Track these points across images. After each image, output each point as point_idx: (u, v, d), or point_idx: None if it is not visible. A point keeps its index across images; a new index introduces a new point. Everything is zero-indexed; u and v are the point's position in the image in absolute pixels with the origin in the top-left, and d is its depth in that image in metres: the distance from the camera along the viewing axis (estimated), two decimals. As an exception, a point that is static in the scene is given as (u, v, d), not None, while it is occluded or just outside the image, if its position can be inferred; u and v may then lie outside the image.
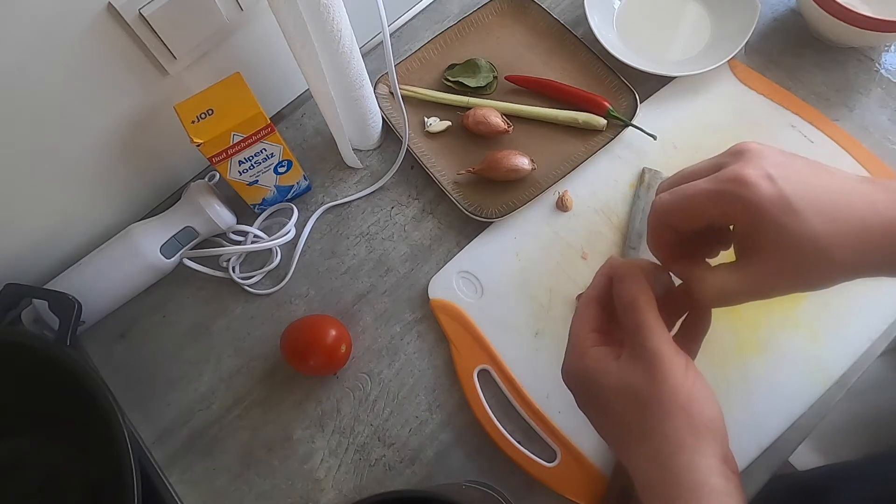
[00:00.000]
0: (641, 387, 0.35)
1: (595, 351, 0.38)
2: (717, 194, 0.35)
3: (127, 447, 0.45)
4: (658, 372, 0.35)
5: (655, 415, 0.35)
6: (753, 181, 0.34)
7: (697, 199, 0.36)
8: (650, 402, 0.35)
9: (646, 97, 0.65)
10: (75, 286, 0.57)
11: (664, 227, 0.38)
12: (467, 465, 0.54)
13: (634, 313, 0.36)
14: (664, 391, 0.34)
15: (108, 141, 0.57)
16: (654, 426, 0.35)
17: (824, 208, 0.34)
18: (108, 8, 0.48)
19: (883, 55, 0.65)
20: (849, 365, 0.53)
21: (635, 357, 0.36)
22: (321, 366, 0.56)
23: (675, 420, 0.34)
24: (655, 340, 0.35)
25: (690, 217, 0.37)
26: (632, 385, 0.35)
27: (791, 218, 0.33)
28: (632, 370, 0.36)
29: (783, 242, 0.34)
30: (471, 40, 0.70)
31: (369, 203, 0.65)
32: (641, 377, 0.35)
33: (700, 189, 0.36)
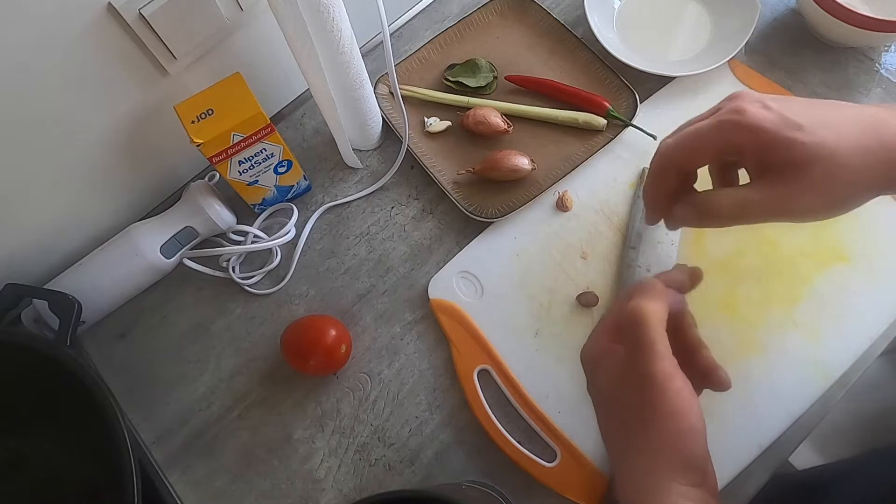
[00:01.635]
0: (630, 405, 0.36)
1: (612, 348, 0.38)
2: (718, 125, 0.36)
3: (127, 447, 0.45)
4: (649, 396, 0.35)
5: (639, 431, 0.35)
6: (750, 108, 0.35)
7: (700, 132, 0.36)
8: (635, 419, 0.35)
9: (646, 97, 0.65)
10: (75, 286, 0.57)
11: (669, 169, 0.38)
12: (467, 465, 0.54)
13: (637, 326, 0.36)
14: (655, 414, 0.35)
15: (108, 141, 0.57)
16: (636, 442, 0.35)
17: (828, 123, 0.34)
18: (107, 8, 0.48)
19: (883, 55, 0.65)
20: (849, 365, 0.53)
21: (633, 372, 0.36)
22: (321, 366, 0.56)
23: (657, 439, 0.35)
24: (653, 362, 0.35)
25: (695, 150, 0.37)
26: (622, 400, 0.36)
27: (799, 132, 0.34)
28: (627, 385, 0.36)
29: (797, 158, 0.34)
30: (471, 40, 0.70)
31: (369, 203, 0.65)
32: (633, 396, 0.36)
33: (702, 125, 0.36)
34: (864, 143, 0.34)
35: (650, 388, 0.35)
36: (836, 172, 0.34)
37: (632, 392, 0.36)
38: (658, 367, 0.35)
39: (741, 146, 0.36)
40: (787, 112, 0.35)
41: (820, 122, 0.34)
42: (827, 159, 0.34)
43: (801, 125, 0.34)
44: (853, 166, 0.34)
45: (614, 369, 0.37)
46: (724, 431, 0.51)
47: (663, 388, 0.35)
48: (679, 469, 0.34)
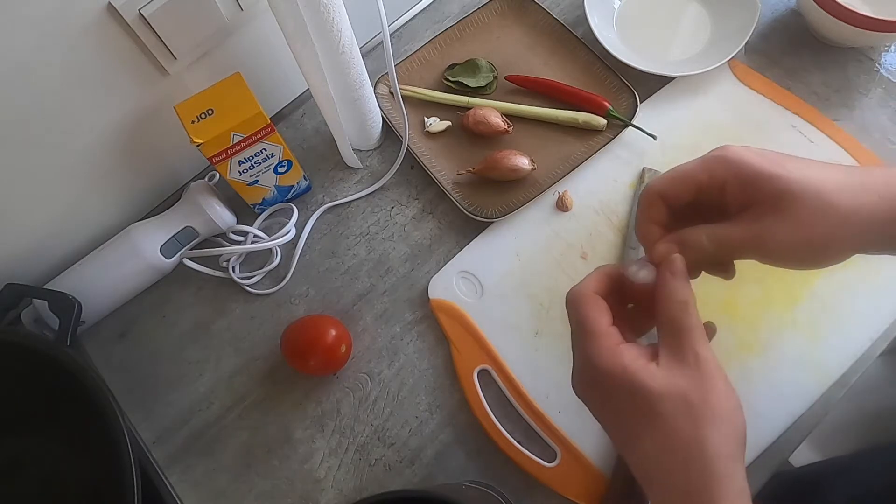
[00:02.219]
0: (692, 393, 0.34)
1: (630, 349, 0.36)
2: (703, 160, 0.37)
3: (127, 447, 0.45)
4: (709, 379, 0.34)
5: (705, 423, 0.34)
6: (734, 148, 0.36)
7: (686, 167, 0.38)
8: (702, 410, 0.34)
9: (646, 97, 0.65)
10: (75, 286, 0.57)
11: (655, 204, 0.39)
12: (467, 465, 0.54)
13: (686, 316, 0.35)
14: (714, 398, 0.34)
15: (108, 141, 0.57)
16: (701, 434, 0.34)
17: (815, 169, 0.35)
18: (107, 8, 0.48)
19: (883, 55, 0.65)
20: (849, 365, 0.53)
21: (682, 361, 0.35)
22: (321, 366, 0.56)
23: (724, 427, 0.34)
24: (705, 347, 0.35)
25: (680, 184, 0.38)
26: (681, 389, 0.34)
27: (782, 170, 0.34)
28: (681, 374, 0.35)
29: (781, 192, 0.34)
30: (471, 40, 0.70)
31: (369, 203, 0.65)
32: (690, 382, 0.34)
33: (688, 164, 0.38)
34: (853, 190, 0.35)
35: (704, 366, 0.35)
36: (819, 208, 0.34)
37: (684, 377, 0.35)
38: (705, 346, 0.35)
39: (724, 181, 0.36)
40: (768, 155, 0.36)
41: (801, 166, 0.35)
42: (811, 195, 0.34)
43: (784, 164, 0.35)
44: (839, 205, 0.34)
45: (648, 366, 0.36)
46: (724, 431, 0.51)
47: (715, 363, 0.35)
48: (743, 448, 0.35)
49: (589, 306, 0.38)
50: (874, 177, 0.35)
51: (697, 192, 0.38)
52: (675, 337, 0.36)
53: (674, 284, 0.37)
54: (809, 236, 0.34)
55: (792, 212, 0.34)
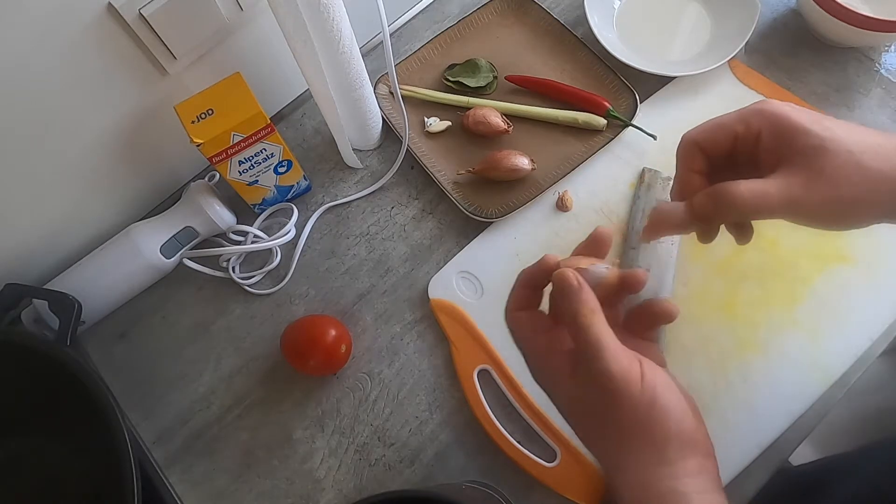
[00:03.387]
0: (598, 408, 0.35)
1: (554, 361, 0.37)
2: (740, 112, 0.37)
3: (127, 447, 0.45)
4: (613, 394, 0.34)
5: (615, 435, 0.34)
6: (774, 102, 0.36)
7: (723, 118, 0.38)
8: (608, 424, 0.35)
9: (646, 97, 0.65)
10: (75, 286, 0.57)
11: (694, 153, 0.39)
12: (467, 465, 0.54)
13: (580, 330, 0.35)
14: (621, 412, 0.34)
15: (108, 141, 0.57)
16: (617, 446, 0.35)
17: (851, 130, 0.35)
18: (108, 8, 0.48)
19: (883, 55, 0.65)
20: (849, 365, 0.53)
21: (588, 376, 0.35)
22: (321, 366, 0.56)
23: (634, 438, 0.34)
24: (605, 360, 0.34)
25: (716, 133, 0.38)
26: (590, 406, 0.35)
27: (818, 126, 0.34)
28: (588, 390, 0.35)
29: (814, 147, 0.34)
30: (471, 40, 0.70)
31: (369, 203, 0.65)
32: (596, 398, 0.34)
33: (725, 115, 0.38)
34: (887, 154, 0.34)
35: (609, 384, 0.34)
36: (852, 167, 0.34)
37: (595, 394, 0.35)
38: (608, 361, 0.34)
39: (760, 132, 0.36)
40: (809, 112, 0.36)
41: (842, 125, 0.35)
42: (843, 153, 0.34)
43: (821, 121, 0.35)
44: (871, 167, 0.34)
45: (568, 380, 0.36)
46: (724, 431, 0.51)
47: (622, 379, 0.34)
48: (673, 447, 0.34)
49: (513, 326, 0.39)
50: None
51: (734, 142, 0.37)
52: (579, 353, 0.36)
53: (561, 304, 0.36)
54: (839, 195, 0.34)
55: (824, 169, 0.34)
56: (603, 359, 0.34)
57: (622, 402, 0.34)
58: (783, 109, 0.36)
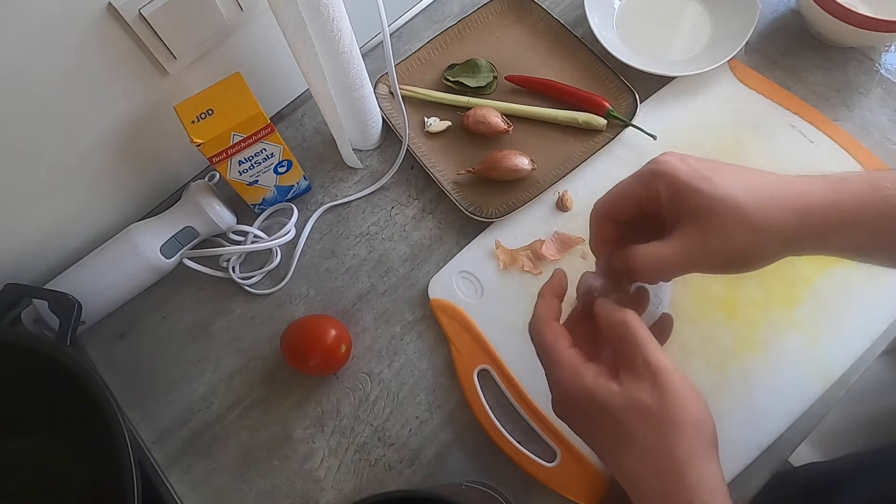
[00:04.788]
0: (652, 404, 0.35)
1: (590, 369, 0.38)
2: (638, 176, 0.40)
3: (127, 447, 0.45)
4: (666, 388, 0.35)
5: (669, 430, 0.35)
6: (667, 160, 0.38)
7: (624, 184, 0.40)
8: (664, 419, 0.35)
9: (646, 97, 0.65)
10: (75, 286, 0.57)
11: (603, 220, 0.42)
12: (467, 465, 0.54)
13: (630, 332, 0.37)
14: (675, 407, 0.35)
15: (108, 141, 0.57)
16: (668, 442, 0.35)
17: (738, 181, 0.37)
18: (108, 8, 0.48)
19: (883, 55, 0.65)
20: (849, 365, 0.53)
21: (638, 374, 0.36)
22: (321, 366, 0.56)
23: (689, 434, 0.35)
24: (658, 357, 0.36)
25: (621, 201, 0.40)
26: (642, 402, 0.36)
27: (706, 183, 0.36)
28: (639, 388, 0.36)
29: (703, 206, 0.36)
30: (471, 40, 0.70)
31: (369, 203, 0.65)
32: (650, 394, 0.35)
33: (626, 180, 0.40)
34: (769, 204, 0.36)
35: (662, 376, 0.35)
36: (740, 223, 0.36)
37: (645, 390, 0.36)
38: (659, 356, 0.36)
39: (658, 193, 0.38)
40: (699, 166, 0.37)
41: (728, 178, 0.37)
42: (730, 209, 0.36)
43: (710, 178, 0.36)
44: (758, 219, 0.36)
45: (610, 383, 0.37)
46: (724, 431, 0.50)
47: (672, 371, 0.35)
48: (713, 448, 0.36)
49: (547, 334, 0.40)
50: (792, 188, 0.37)
51: (638, 206, 0.40)
52: (625, 354, 0.37)
53: (607, 309, 0.39)
54: (731, 247, 0.36)
55: (715, 226, 0.36)
56: (654, 353, 0.36)
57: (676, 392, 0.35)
58: (673, 169, 0.37)
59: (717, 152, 0.62)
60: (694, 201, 0.36)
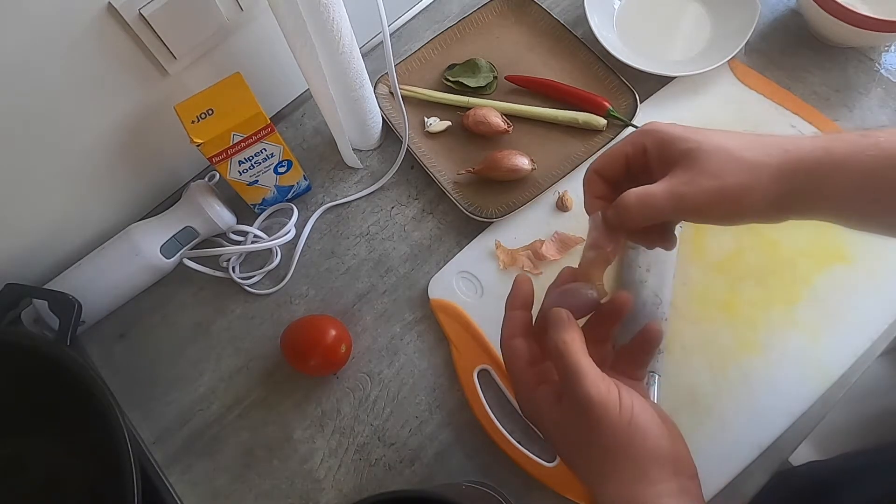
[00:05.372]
0: (581, 433, 0.37)
1: (540, 391, 0.39)
2: (628, 138, 0.42)
3: (127, 447, 0.45)
4: (593, 418, 0.36)
5: (598, 457, 0.36)
6: (655, 123, 0.41)
7: (614, 146, 0.42)
8: (591, 447, 0.37)
9: (646, 97, 0.65)
10: (75, 286, 0.57)
11: (593, 180, 0.43)
12: (467, 465, 0.54)
13: (562, 359, 0.37)
14: (602, 435, 0.36)
15: (108, 141, 0.57)
16: (600, 467, 0.36)
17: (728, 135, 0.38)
18: (108, 8, 0.48)
19: (883, 55, 0.65)
20: (849, 365, 0.53)
21: (571, 403, 0.37)
22: (321, 366, 0.56)
23: (617, 459, 0.36)
24: (585, 386, 0.36)
25: (610, 157, 0.42)
26: (573, 431, 0.37)
27: (694, 133, 0.38)
28: (571, 417, 0.37)
29: (692, 149, 0.38)
30: (471, 40, 0.70)
31: (369, 203, 0.65)
32: (579, 423, 0.37)
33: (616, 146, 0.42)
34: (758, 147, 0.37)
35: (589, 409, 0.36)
36: (730, 160, 0.37)
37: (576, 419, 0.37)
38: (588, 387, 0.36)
39: (646, 148, 0.40)
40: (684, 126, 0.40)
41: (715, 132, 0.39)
42: (720, 150, 0.37)
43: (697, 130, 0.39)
44: (747, 157, 0.37)
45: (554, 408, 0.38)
46: (724, 431, 0.51)
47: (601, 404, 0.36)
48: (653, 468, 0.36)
49: (506, 353, 0.41)
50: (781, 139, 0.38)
51: (626, 162, 0.42)
52: (563, 381, 0.38)
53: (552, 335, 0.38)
54: (721, 185, 0.37)
55: (703, 165, 0.37)
56: (583, 385, 0.36)
57: (602, 426, 0.36)
58: (662, 125, 0.40)
59: (717, 152, 0.62)
60: (683, 146, 0.38)
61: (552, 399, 0.38)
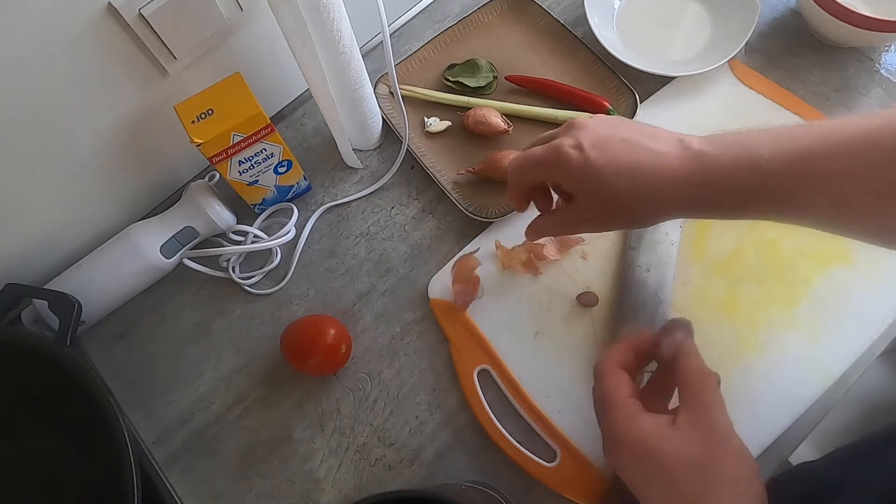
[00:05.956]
0: (704, 456, 0.37)
1: (647, 417, 0.39)
2: (542, 160, 0.44)
3: (127, 447, 0.45)
4: (723, 444, 0.38)
5: (716, 485, 0.37)
6: (565, 152, 0.42)
7: (531, 161, 0.45)
8: (712, 470, 0.37)
9: (646, 97, 0.65)
10: (75, 286, 0.57)
11: (517, 182, 0.48)
12: (467, 465, 0.54)
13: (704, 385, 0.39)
14: (725, 463, 0.37)
15: (108, 141, 0.57)
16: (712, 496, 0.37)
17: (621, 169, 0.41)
18: (107, 8, 0.48)
19: (883, 55, 0.65)
20: (849, 365, 0.53)
21: (698, 427, 0.38)
22: (321, 366, 0.56)
23: (733, 487, 0.37)
24: (721, 414, 0.38)
25: (528, 175, 0.46)
26: (695, 454, 0.37)
27: (594, 180, 0.41)
28: (696, 438, 0.38)
29: (591, 194, 0.43)
30: (471, 40, 0.70)
31: (369, 203, 0.65)
32: (705, 447, 0.37)
33: (533, 155, 0.45)
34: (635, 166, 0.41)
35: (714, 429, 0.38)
36: (624, 207, 0.42)
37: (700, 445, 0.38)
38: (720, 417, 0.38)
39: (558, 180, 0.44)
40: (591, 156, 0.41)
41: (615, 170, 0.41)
42: (613, 199, 0.41)
43: (600, 172, 0.41)
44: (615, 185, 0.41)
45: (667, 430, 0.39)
46: (724, 431, 0.51)
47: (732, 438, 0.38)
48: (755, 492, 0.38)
49: (610, 379, 0.42)
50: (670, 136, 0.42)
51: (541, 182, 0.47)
52: (693, 406, 0.39)
53: (687, 363, 0.41)
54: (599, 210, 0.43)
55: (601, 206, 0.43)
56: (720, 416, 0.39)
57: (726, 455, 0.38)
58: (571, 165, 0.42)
59: (717, 152, 0.62)
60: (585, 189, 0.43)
61: (664, 424, 0.39)
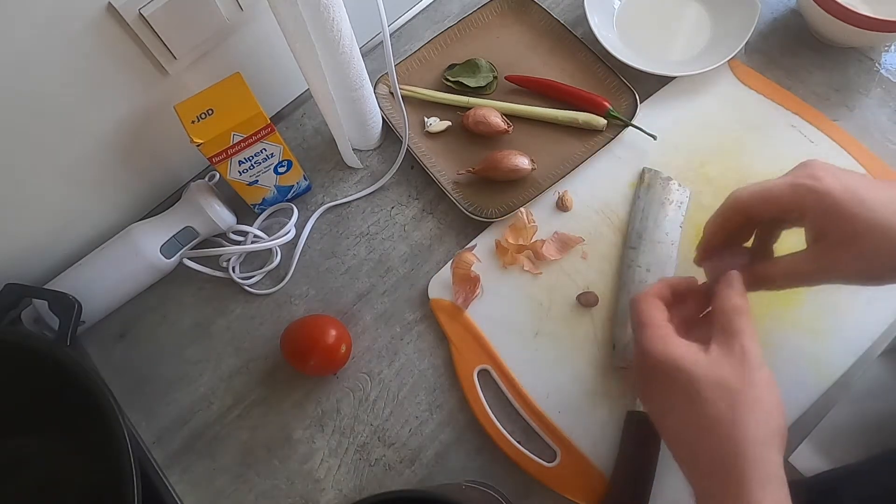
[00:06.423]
0: (733, 380, 0.38)
1: (680, 340, 0.40)
2: (793, 185, 0.41)
3: (127, 447, 0.45)
4: (752, 369, 0.38)
5: (741, 407, 0.37)
6: (823, 176, 0.40)
7: (775, 187, 0.41)
8: (739, 395, 0.38)
9: (646, 97, 0.65)
10: (75, 286, 0.57)
11: (738, 213, 0.43)
12: (467, 465, 0.54)
13: (740, 318, 0.40)
14: (753, 389, 0.38)
15: (108, 141, 0.57)
16: (737, 417, 0.37)
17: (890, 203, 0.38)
18: (107, 8, 0.48)
19: (883, 55, 0.65)
20: (849, 365, 0.53)
21: (730, 354, 0.39)
22: (321, 366, 0.56)
23: (760, 414, 0.37)
24: (754, 344, 0.39)
25: (766, 202, 0.42)
26: (724, 377, 0.38)
27: (861, 208, 0.38)
28: (727, 364, 0.38)
29: (853, 228, 0.38)
30: (471, 40, 0.70)
31: (369, 203, 0.65)
32: (734, 372, 0.38)
33: (778, 182, 0.41)
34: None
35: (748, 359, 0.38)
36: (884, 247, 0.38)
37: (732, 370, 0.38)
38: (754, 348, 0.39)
39: (807, 208, 0.40)
40: (853, 185, 0.39)
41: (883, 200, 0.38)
42: (879, 235, 0.38)
43: (866, 200, 0.38)
44: None
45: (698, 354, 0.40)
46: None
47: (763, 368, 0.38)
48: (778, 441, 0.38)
49: (645, 304, 0.43)
50: None
51: (780, 212, 0.42)
52: (726, 335, 0.39)
53: (728, 293, 0.41)
54: (870, 266, 0.39)
55: (859, 247, 0.39)
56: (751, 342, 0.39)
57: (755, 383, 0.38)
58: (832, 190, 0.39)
59: (717, 152, 0.62)
60: (846, 227, 0.39)
61: (695, 348, 0.39)
